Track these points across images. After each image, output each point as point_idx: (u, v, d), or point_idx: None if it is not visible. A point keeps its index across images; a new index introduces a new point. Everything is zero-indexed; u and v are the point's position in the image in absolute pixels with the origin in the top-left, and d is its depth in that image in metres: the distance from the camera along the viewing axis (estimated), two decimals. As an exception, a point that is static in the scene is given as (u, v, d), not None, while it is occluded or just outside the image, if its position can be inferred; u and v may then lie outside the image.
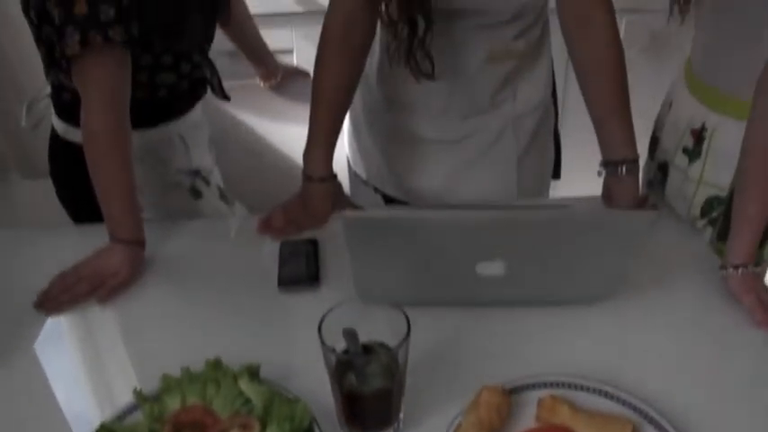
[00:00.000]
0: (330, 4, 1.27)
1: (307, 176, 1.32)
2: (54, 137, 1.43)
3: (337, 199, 1.35)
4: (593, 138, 1.32)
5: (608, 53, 1.22)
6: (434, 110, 1.47)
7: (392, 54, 1.25)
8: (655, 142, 1.46)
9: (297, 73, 1.89)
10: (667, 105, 1.42)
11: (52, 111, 1.43)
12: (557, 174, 1.68)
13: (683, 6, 1.28)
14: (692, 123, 1.30)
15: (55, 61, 1.25)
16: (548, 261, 0.95)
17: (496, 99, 1.47)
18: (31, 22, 1.24)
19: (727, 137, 1.20)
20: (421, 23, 1.19)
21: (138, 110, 1.28)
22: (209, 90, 1.51)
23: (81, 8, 1.12)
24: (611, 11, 1.22)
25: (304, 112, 1.55)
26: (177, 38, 1.27)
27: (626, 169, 1.22)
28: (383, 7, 1.21)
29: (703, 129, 1.28)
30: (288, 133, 1.81)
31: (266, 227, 1.31)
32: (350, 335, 0.83)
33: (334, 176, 1.34)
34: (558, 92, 1.62)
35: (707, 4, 1.25)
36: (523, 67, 1.46)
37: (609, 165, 1.24)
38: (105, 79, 1.19)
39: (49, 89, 1.42)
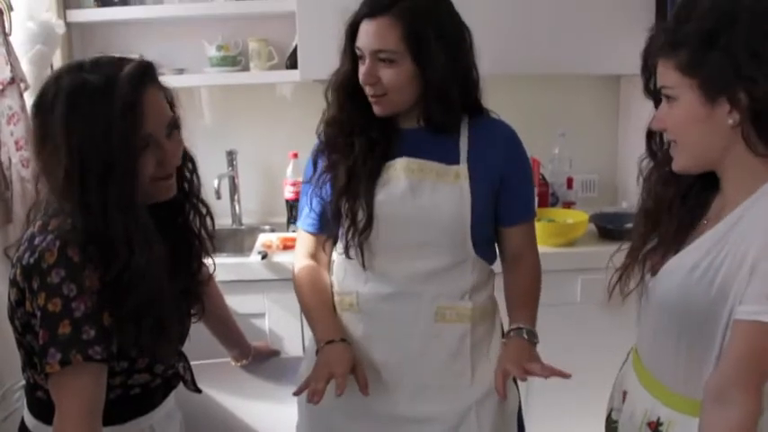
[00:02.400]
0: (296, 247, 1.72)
1: (327, 342, 1.53)
2: (23, 429, 1.41)
3: (353, 354, 1.53)
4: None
5: (530, 283, 1.64)
6: (389, 384, 1.55)
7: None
8: (611, 424, 1.48)
9: (268, 352, 1.94)
10: (620, 391, 1.46)
11: (24, 403, 1.43)
12: None
13: (623, 289, 1.38)
14: (648, 416, 1.33)
15: (32, 364, 1.29)
16: None
17: (451, 370, 1.55)
18: (15, 329, 1.30)
19: (685, 431, 1.24)
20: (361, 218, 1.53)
21: (110, 408, 1.29)
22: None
23: (65, 329, 1.18)
24: (536, 252, 1.68)
25: (275, 391, 1.59)
26: (155, 348, 1.32)
27: (525, 333, 1.53)
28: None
29: (659, 423, 1.31)
30: (259, 412, 1.83)
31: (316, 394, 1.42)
32: None
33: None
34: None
35: (651, 307, 1.33)
36: (475, 336, 1.56)
37: (509, 333, 1.56)
38: (81, 392, 1.21)
39: (23, 381, 1.44)
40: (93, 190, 1.20)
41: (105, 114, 1.19)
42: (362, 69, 1.51)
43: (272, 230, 2.74)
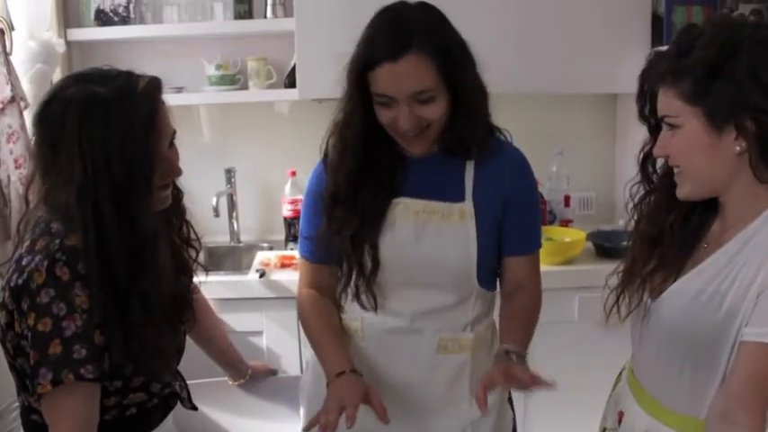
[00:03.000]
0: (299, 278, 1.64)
1: (338, 374, 1.43)
2: None
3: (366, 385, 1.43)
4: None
5: (527, 309, 1.55)
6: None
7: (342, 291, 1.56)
8: None
9: (266, 371, 1.94)
10: (614, 410, 1.46)
11: (20, 424, 1.42)
12: None
13: (620, 310, 1.39)
14: None
15: (25, 387, 1.29)
16: None
17: (451, 396, 1.54)
18: (6, 353, 1.29)
19: None
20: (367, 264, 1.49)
21: (106, 430, 1.29)
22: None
23: (56, 348, 1.18)
24: (539, 284, 1.59)
25: (273, 409, 1.58)
26: (149, 366, 1.31)
27: (516, 357, 1.40)
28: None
29: None
30: (254, 430, 1.83)
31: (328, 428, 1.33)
32: None
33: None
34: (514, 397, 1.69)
35: (653, 330, 1.33)
36: (474, 363, 1.55)
37: (501, 353, 1.42)
38: (74, 413, 1.21)
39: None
40: (109, 203, 1.21)
41: (123, 127, 1.21)
42: (399, 115, 1.40)
43: (271, 248, 2.74)
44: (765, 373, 1.15)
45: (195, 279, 1.56)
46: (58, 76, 2.48)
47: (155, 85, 1.29)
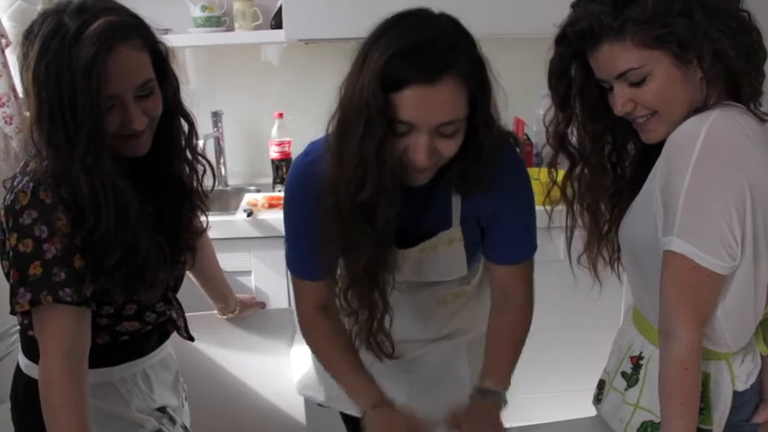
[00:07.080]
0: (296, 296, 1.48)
1: (374, 406, 1.35)
2: (18, 371, 1.44)
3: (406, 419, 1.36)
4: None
5: (513, 330, 1.48)
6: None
7: (354, 337, 1.39)
8: (601, 382, 1.53)
9: (254, 305, 1.96)
10: (617, 344, 1.50)
11: (19, 346, 1.44)
12: None
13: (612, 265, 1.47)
14: (632, 350, 1.38)
15: None
16: None
17: (448, 328, 1.59)
18: (2, 269, 1.29)
19: None
20: (379, 306, 1.33)
21: (101, 351, 1.30)
22: None
23: (36, 270, 1.19)
24: (527, 293, 1.49)
25: (262, 342, 1.59)
26: (139, 293, 1.32)
27: (492, 399, 1.41)
28: (342, 298, 1.34)
29: (640, 357, 1.36)
30: (247, 363, 1.85)
31: None
32: None
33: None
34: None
35: (626, 252, 1.39)
36: (471, 303, 1.59)
37: (479, 390, 1.43)
38: (62, 331, 1.22)
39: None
40: (62, 138, 1.18)
41: (70, 68, 1.15)
42: (414, 146, 1.20)
43: (258, 191, 2.75)
44: (681, 280, 1.18)
45: (202, 220, 1.53)
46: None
47: (109, 27, 1.18)
